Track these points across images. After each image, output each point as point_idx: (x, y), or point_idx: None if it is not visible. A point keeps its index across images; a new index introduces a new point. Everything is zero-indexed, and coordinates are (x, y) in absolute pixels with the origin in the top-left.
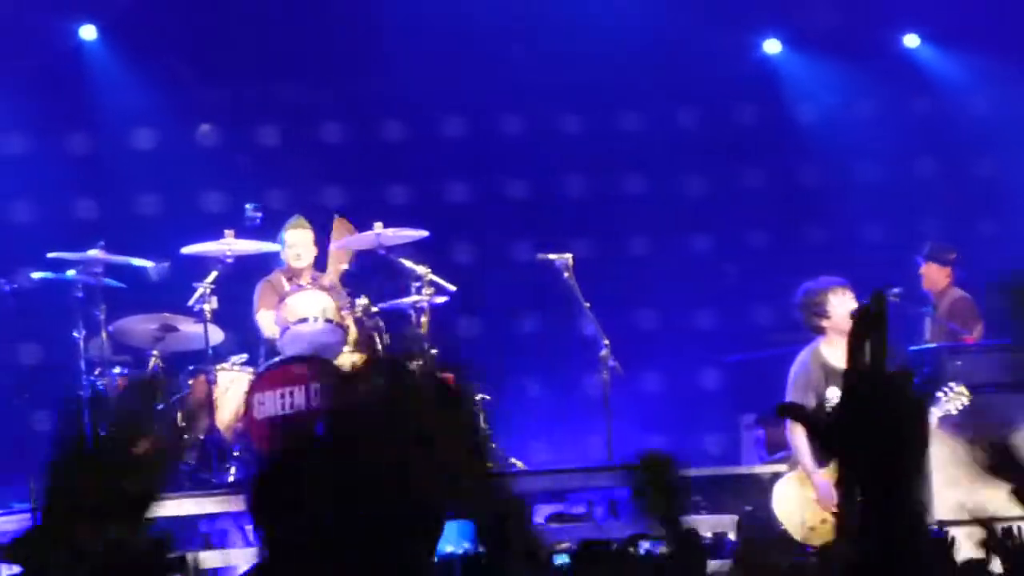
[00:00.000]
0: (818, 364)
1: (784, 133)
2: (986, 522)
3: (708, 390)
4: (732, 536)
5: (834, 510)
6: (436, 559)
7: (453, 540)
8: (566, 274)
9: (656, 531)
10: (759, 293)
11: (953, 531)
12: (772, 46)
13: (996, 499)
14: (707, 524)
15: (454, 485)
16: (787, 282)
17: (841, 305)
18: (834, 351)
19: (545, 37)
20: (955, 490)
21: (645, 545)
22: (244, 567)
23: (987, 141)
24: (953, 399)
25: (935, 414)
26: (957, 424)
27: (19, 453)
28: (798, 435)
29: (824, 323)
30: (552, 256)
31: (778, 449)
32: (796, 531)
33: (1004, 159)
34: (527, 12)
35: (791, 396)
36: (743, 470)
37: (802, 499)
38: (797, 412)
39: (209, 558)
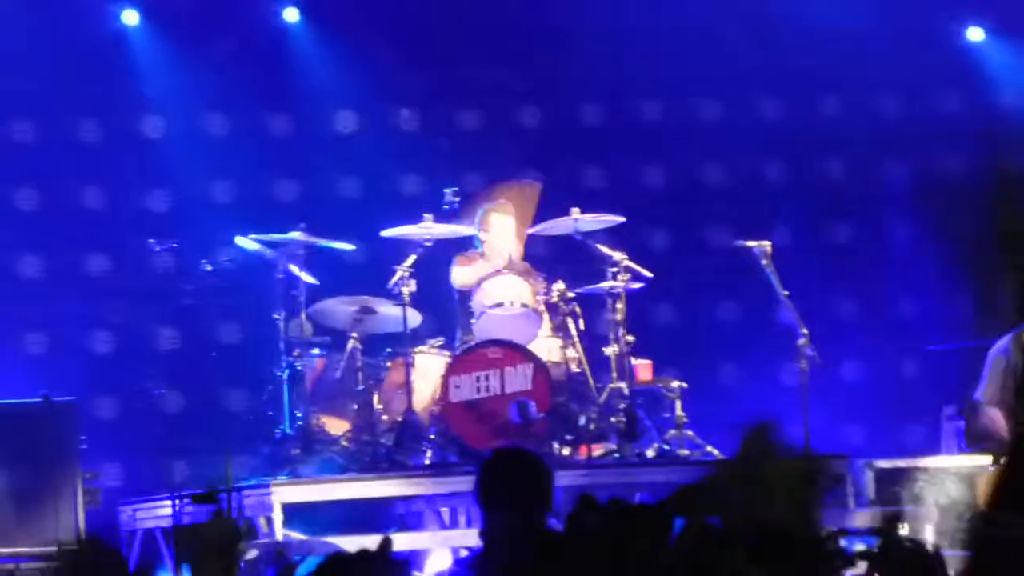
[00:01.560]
0: (1016, 347)
1: (988, 120)
2: None
3: (908, 380)
4: (930, 528)
5: None
6: None
7: None
8: (764, 261)
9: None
10: (962, 282)
11: None
12: (975, 34)
13: None
14: (905, 517)
15: None
16: (990, 272)
17: None
18: None
19: (746, 21)
20: None
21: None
22: (436, 550)
23: None
24: None
25: None
26: None
27: (217, 433)
28: (994, 413)
29: None
30: (751, 243)
31: (978, 441)
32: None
33: None
34: None
35: (988, 378)
36: (942, 461)
37: None
38: None
39: (402, 540)
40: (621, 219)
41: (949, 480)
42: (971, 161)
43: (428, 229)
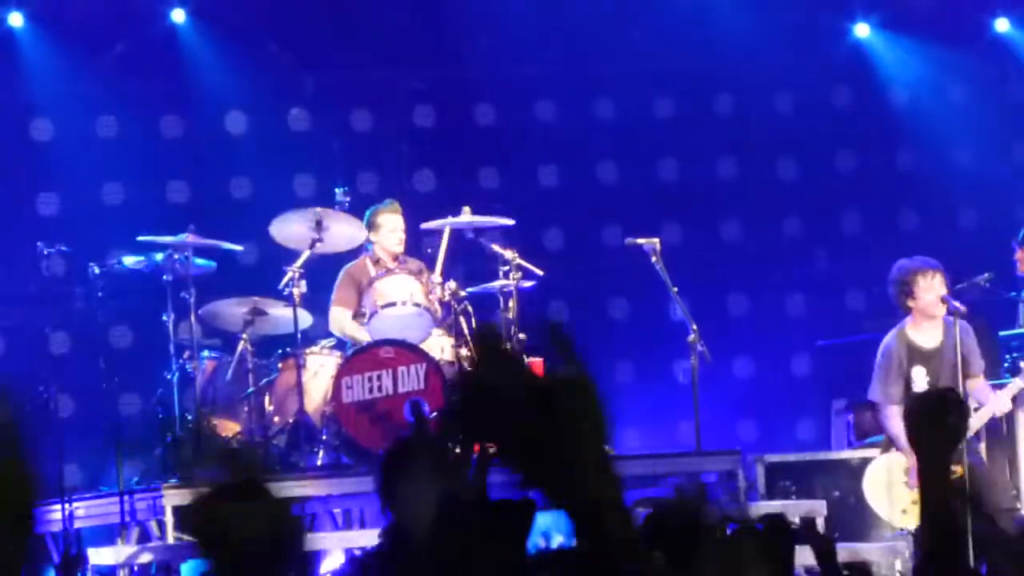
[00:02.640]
0: (903, 345)
1: (878, 117)
2: None
3: (799, 375)
4: (821, 521)
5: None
6: (530, 551)
7: (547, 533)
8: (654, 259)
9: None
10: (851, 278)
11: None
12: (863, 30)
13: None
14: (795, 509)
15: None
16: (879, 267)
17: (928, 289)
18: (920, 331)
19: (636, 22)
20: None
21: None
22: (332, 551)
23: None
24: None
25: (1018, 385)
26: None
27: (108, 436)
28: (894, 417)
29: (910, 303)
30: (641, 240)
31: (867, 435)
32: (888, 514)
33: None
34: None
35: (877, 377)
36: (833, 455)
37: (893, 482)
38: None
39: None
40: (511, 222)
41: (839, 473)
42: (861, 157)
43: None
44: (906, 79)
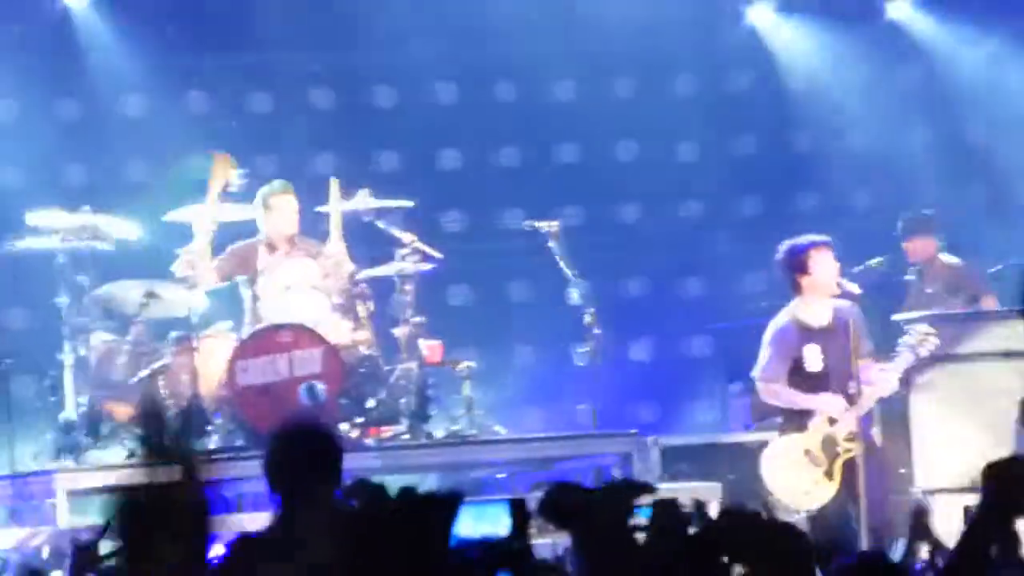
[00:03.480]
0: (795, 323)
1: (774, 100)
2: None
3: (697, 358)
4: (715, 505)
5: (835, 450)
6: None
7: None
8: (553, 242)
9: None
10: (748, 261)
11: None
12: (762, 13)
13: None
14: (689, 492)
15: None
16: (776, 250)
17: (822, 263)
18: (811, 309)
19: (535, 5)
20: None
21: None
22: (223, 534)
23: (977, 108)
24: (921, 342)
25: (907, 359)
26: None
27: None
28: (776, 387)
29: (803, 280)
30: (540, 224)
31: (764, 417)
32: (790, 496)
33: (996, 126)
34: None
35: (766, 355)
36: (728, 438)
37: (792, 463)
38: None
39: None
40: (410, 204)
41: (736, 456)
42: (758, 140)
43: (214, 210)
44: (802, 62)
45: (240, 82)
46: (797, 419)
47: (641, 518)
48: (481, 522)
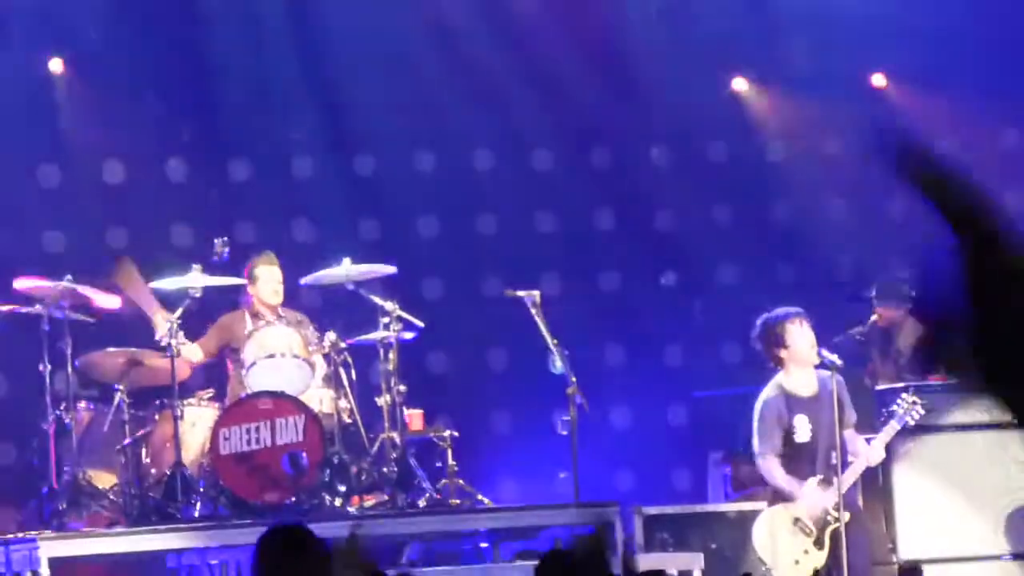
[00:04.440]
0: (781, 396)
1: (754, 169)
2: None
3: (675, 427)
4: (697, 574)
5: (825, 519)
6: None
7: None
8: (533, 310)
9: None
10: (727, 330)
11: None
12: (740, 84)
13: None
14: (673, 562)
15: None
16: (755, 319)
17: (799, 335)
18: (795, 381)
19: (514, 72)
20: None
21: None
22: None
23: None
24: (908, 409)
25: (894, 428)
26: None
27: None
28: (775, 468)
29: (783, 353)
30: (520, 292)
31: (743, 487)
32: (780, 567)
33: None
34: (501, 43)
35: (758, 432)
36: (709, 508)
37: (780, 533)
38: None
39: None
40: (392, 269)
41: (716, 525)
42: (737, 209)
43: (196, 279)
44: (782, 132)
45: (218, 150)
46: None
47: None
48: None
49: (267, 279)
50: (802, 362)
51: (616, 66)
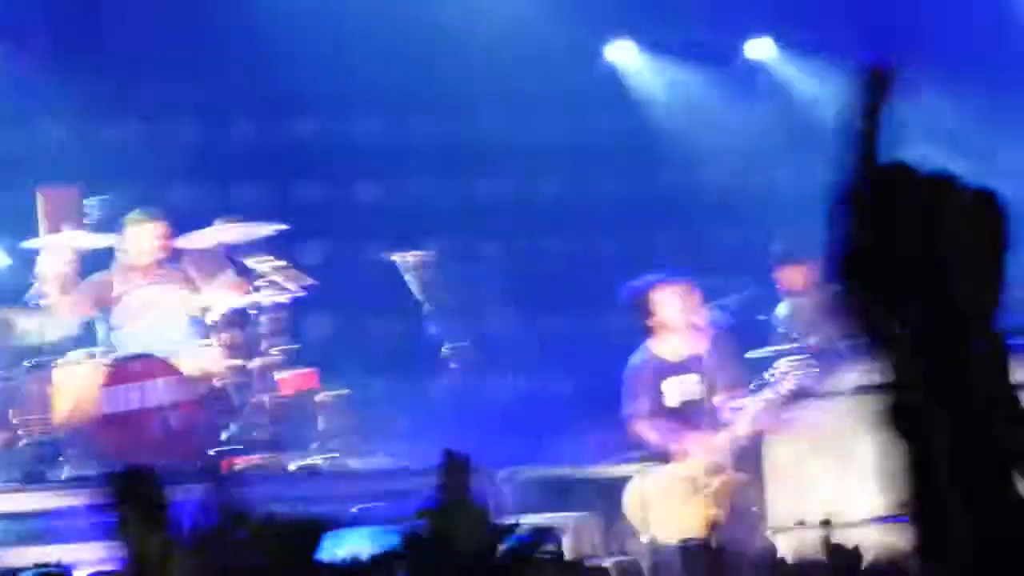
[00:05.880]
0: (651, 362)
1: (638, 138)
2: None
3: (559, 394)
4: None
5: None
6: None
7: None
8: (416, 272)
9: None
10: (610, 298)
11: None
12: (625, 51)
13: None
14: (545, 522)
15: None
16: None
17: (664, 301)
18: (666, 346)
19: (400, 37)
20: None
21: None
22: (85, 563)
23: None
24: (782, 378)
25: (765, 396)
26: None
27: None
28: (641, 426)
29: (651, 321)
30: (403, 255)
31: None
32: (659, 529)
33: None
34: (383, 13)
35: (628, 397)
36: (583, 472)
37: (658, 494)
38: None
39: (47, 553)
40: (270, 230)
41: (593, 489)
42: (623, 179)
43: (72, 239)
44: (662, 100)
45: (99, 109)
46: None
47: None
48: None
49: (138, 238)
50: (671, 327)
51: (500, 31)
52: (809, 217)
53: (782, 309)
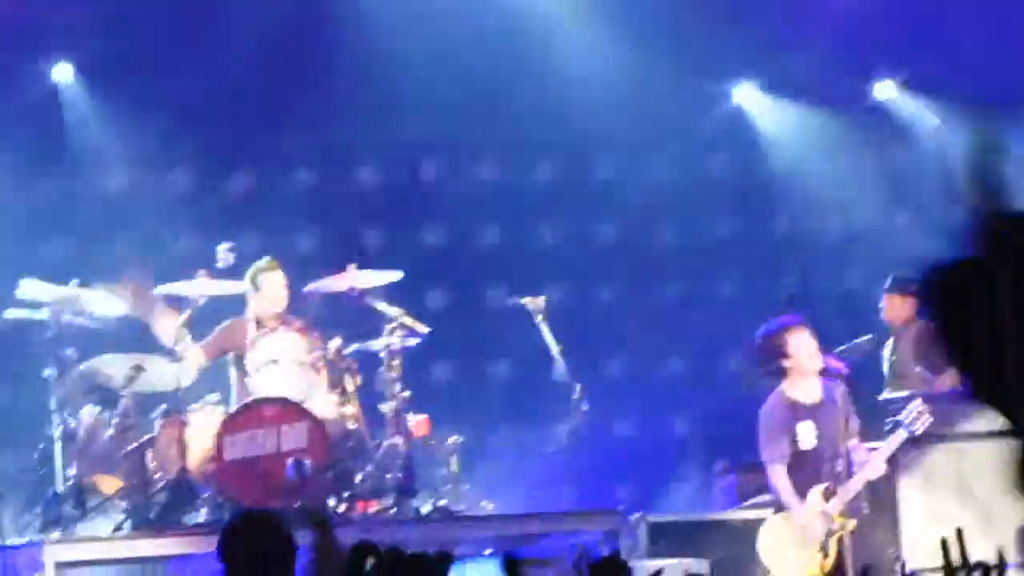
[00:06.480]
0: (785, 404)
1: (756, 182)
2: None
3: (679, 437)
4: None
5: (829, 528)
6: None
7: None
8: (539, 318)
9: None
10: (729, 341)
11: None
12: (745, 94)
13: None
14: (678, 568)
15: None
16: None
17: (800, 343)
18: (797, 389)
19: (521, 85)
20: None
21: None
22: None
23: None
24: (915, 419)
25: (900, 437)
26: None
27: None
28: (779, 477)
29: (786, 363)
30: (525, 300)
31: (747, 496)
32: (787, 573)
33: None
34: (503, 60)
35: (763, 441)
36: (715, 516)
37: (789, 540)
38: None
39: None
40: (398, 275)
41: (721, 534)
42: (737, 221)
43: (202, 286)
44: (786, 143)
45: (224, 159)
46: None
47: None
48: None
49: (269, 285)
50: (804, 371)
51: (620, 77)
52: (924, 259)
53: (889, 346)
